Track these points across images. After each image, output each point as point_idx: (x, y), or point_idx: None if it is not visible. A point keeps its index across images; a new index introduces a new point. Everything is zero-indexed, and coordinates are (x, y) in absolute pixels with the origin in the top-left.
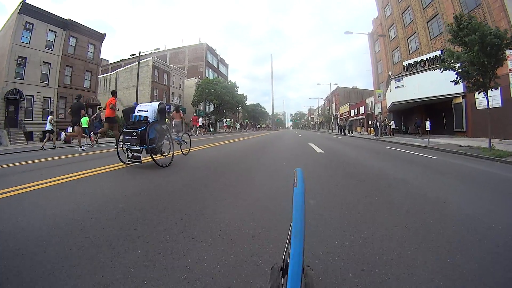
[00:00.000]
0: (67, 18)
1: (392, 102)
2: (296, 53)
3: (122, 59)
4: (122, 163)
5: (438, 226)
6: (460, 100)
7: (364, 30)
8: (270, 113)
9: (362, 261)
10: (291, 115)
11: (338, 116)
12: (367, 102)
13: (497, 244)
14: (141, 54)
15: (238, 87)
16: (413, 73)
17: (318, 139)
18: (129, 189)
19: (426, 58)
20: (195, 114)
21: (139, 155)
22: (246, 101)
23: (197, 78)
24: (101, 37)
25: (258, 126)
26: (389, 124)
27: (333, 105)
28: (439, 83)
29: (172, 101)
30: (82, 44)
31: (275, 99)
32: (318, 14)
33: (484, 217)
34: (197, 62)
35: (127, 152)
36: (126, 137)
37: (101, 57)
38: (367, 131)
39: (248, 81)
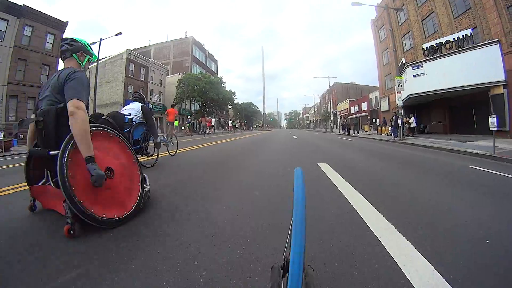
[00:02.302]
0: (21, 4)
1: (409, 95)
2: (290, 52)
3: (106, 57)
4: None
5: None
6: (500, 90)
7: (360, 30)
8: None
9: None
10: (285, 114)
11: (338, 114)
12: (370, 97)
13: None
14: (103, 40)
15: (225, 83)
16: (436, 58)
17: (326, 146)
18: None
19: (454, 39)
20: (209, 117)
21: None
22: (235, 98)
23: (181, 74)
24: (62, 25)
25: (255, 126)
26: (409, 121)
27: (330, 102)
28: (472, 70)
29: (151, 99)
30: (39, 33)
31: (269, 98)
32: (312, 13)
33: None
34: (183, 57)
35: None
36: None
37: None
38: (376, 130)
39: (242, 82)
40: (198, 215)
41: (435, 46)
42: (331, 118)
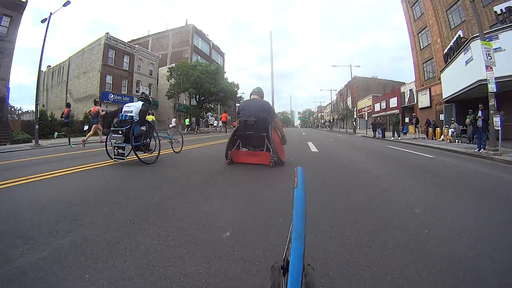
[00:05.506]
0: None
1: (478, 81)
2: (302, 51)
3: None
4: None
5: None
6: None
7: (373, 27)
8: (276, 108)
9: None
10: (299, 113)
11: (359, 111)
12: (402, 91)
13: None
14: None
15: (225, 72)
16: None
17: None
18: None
19: None
20: (224, 112)
21: (123, 152)
22: (242, 94)
23: (176, 64)
24: (20, 6)
25: None
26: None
27: (350, 97)
28: None
29: (137, 91)
30: None
31: (282, 97)
32: (324, 11)
33: None
34: (182, 47)
35: (113, 149)
36: (113, 135)
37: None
38: (426, 133)
39: (254, 80)
40: None
41: None
42: (354, 116)
